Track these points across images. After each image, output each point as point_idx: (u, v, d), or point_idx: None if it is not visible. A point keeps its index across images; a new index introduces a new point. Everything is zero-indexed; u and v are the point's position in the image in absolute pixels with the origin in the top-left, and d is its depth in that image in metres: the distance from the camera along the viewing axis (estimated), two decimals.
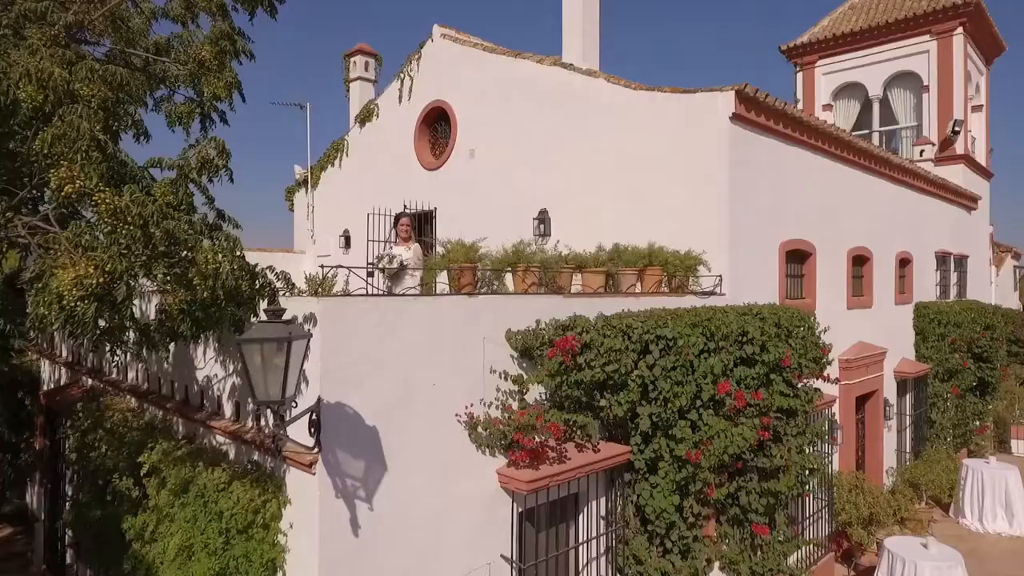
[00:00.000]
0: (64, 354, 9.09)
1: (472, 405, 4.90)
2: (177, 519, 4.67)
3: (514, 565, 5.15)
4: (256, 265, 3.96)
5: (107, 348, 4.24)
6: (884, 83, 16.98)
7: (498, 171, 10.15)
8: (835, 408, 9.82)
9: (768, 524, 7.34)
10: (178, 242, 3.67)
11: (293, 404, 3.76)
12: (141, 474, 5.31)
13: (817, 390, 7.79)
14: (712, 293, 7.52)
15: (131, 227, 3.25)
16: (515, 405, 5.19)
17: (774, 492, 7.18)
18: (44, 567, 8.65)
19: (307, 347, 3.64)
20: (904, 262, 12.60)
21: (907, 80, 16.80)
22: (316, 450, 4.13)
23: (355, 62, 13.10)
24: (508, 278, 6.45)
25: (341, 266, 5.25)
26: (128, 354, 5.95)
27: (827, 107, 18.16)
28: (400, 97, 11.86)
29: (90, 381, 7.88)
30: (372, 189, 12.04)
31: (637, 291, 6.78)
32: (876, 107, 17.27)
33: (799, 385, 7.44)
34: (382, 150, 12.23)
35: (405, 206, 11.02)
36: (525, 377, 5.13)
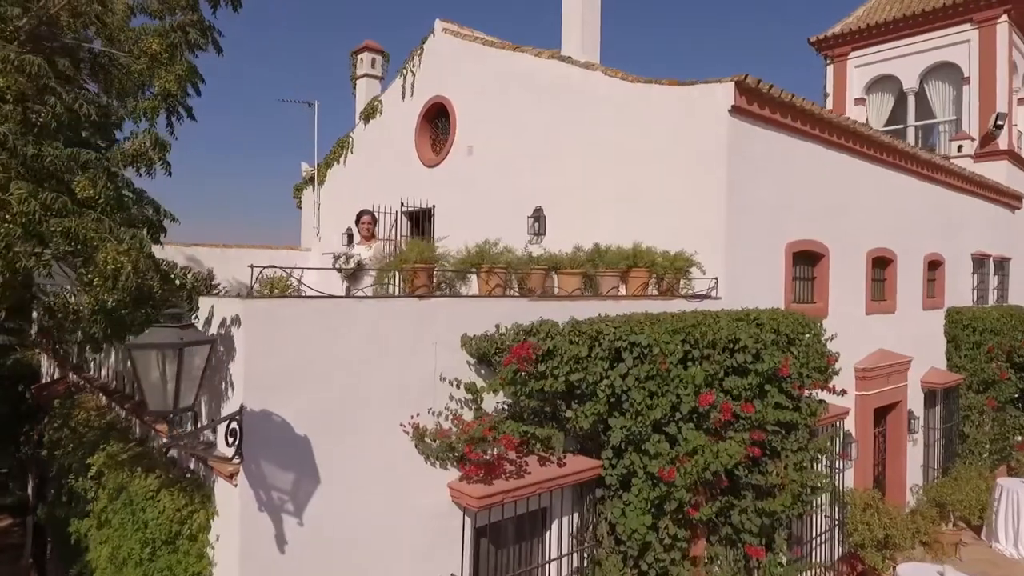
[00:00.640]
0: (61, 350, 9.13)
1: (418, 415, 4.61)
2: (111, 525, 4.49)
3: None
4: (175, 265, 3.74)
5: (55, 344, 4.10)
6: (920, 75, 16.11)
7: (497, 168, 9.83)
8: (848, 421, 9.22)
9: (764, 546, 6.87)
10: (81, 241, 3.46)
11: (193, 412, 3.51)
12: (88, 476, 5.17)
13: (822, 402, 7.28)
14: (706, 296, 7.07)
15: (11, 225, 3.04)
16: (470, 415, 4.88)
17: (769, 512, 6.70)
18: (31, 560, 8.68)
19: (210, 353, 3.39)
20: (934, 264, 11.85)
21: (945, 72, 15.90)
22: (237, 460, 3.89)
23: (362, 59, 12.93)
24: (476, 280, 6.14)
25: (296, 267, 5.02)
26: (99, 351, 5.85)
27: (859, 101, 17.35)
28: (403, 93, 11.64)
29: (74, 377, 7.85)
30: (376, 186, 11.84)
31: (619, 294, 6.38)
32: (911, 101, 16.41)
33: (802, 397, 6.94)
34: (385, 147, 12.03)
35: (402, 203, 10.82)
36: (479, 385, 4.80)
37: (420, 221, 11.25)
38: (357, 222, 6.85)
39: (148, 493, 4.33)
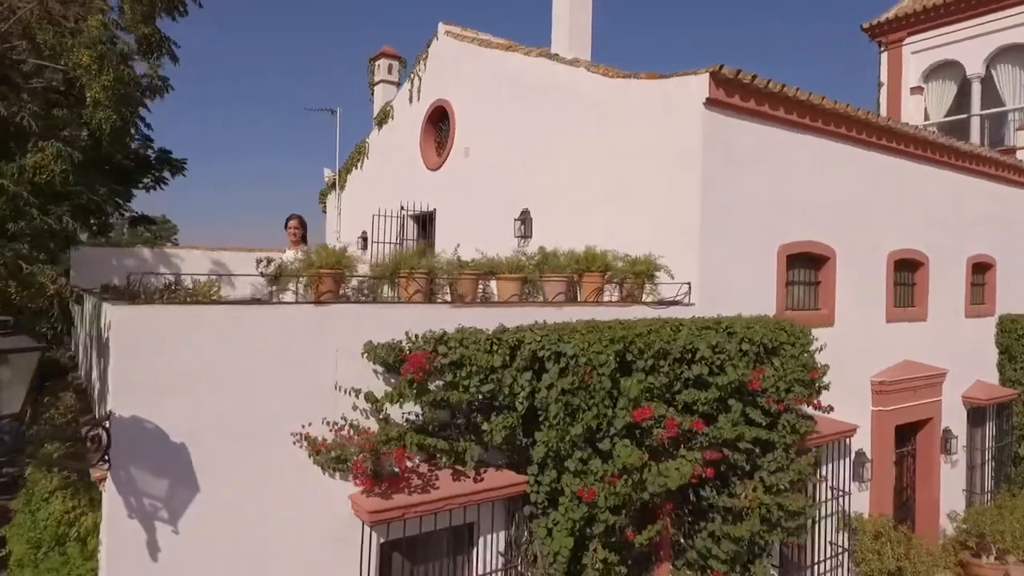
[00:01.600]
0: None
1: (310, 424, 4.50)
2: (16, 524, 4.62)
3: None
4: (31, 272, 3.78)
5: None
6: (987, 59, 14.74)
7: (492, 169, 9.66)
8: (860, 439, 8.48)
9: (739, 574, 6.38)
10: None
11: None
12: (26, 474, 5.36)
13: (808, 419, 6.71)
14: (674, 303, 6.64)
15: None
16: (374, 426, 4.73)
17: (735, 537, 6.22)
18: None
19: (37, 362, 3.39)
20: (981, 267, 10.78)
21: (1016, 54, 14.48)
22: (105, 466, 3.90)
23: (379, 65, 13.04)
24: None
25: (218, 274, 5.03)
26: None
27: (916, 90, 16.08)
28: (410, 97, 11.65)
29: (71, 375, 8.23)
30: (387, 190, 11.91)
31: (564, 301, 6.06)
32: (976, 88, 15.02)
33: (782, 413, 6.40)
34: (396, 151, 12.08)
35: (402, 207, 10.82)
36: (377, 395, 4.65)
37: (425, 224, 11.22)
38: (285, 226, 6.85)
39: (45, 494, 4.42)
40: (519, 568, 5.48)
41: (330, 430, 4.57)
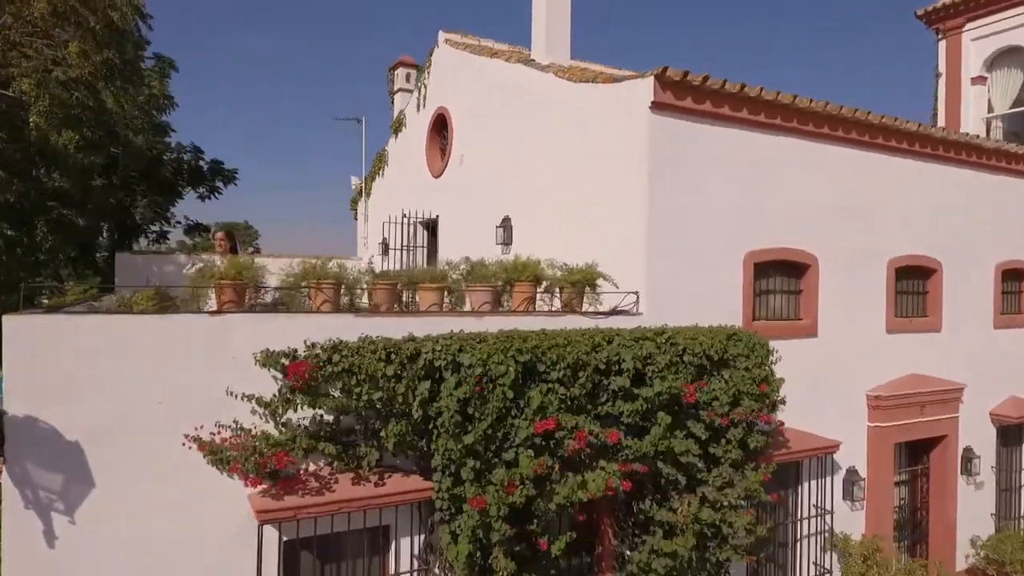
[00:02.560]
0: None
1: (202, 427, 4.77)
2: None
3: None
4: None
5: None
6: None
7: (484, 176, 9.76)
8: (848, 454, 7.99)
9: None
10: None
11: None
12: None
13: (763, 435, 6.42)
14: (615, 313, 6.52)
15: None
16: (272, 429, 4.96)
17: (668, 553, 6.05)
18: None
19: None
20: (1013, 274, 9.86)
21: None
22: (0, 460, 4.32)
23: (398, 74, 13.40)
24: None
25: (107, 286, 5.41)
26: None
27: (978, 80, 14.83)
28: (418, 106, 11.93)
29: None
30: (403, 197, 12.23)
31: (490, 309, 6.08)
32: None
33: (727, 427, 6.17)
34: (408, 159, 12.39)
35: (404, 215, 11.10)
36: (265, 400, 4.87)
37: (433, 230, 11.46)
38: (212, 237, 7.20)
39: None
40: (435, 571, 5.58)
41: (215, 433, 4.81)
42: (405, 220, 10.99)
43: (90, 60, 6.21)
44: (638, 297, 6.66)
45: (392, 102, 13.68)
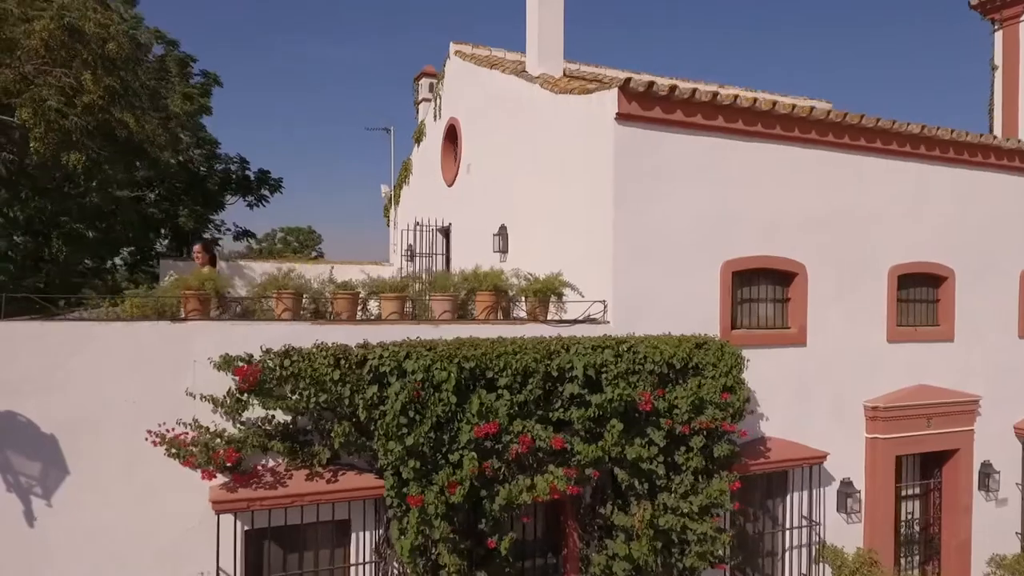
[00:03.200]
0: None
1: (164, 424, 5.22)
2: None
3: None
4: None
5: None
6: None
7: (486, 185, 10.02)
8: (843, 466, 7.79)
9: None
10: None
11: None
12: None
13: (729, 444, 6.40)
14: (578, 321, 6.63)
15: None
16: (230, 427, 5.37)
17: (626, 557, 6.13)
18: None
19: None
20: None
21: None
22: None
23: (421, 84, 13.79)
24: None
25: (78, 296, 5.94)
26: None
27: None
28: (435, 116, 12.29)
29: None
30: (423, 205, 12.63)
31: (450, 318, 6.30)
32: None
33: (689, 435, 6.19)
34: (427, 167, 12.78)
35: (418, 223, 11.47)
36: (220, 400, 5.28)
37: (448, 237, 11.79)
38: (191, 252, 7.71)
39: None
40: (395, 564, 5.87)
41: (170, 429, 5.24)
42: (418, 227, 11.35)
43: (98, 86, 6.86)
44: (605, 306, 6.75)
45: (417, 112, 14.11)
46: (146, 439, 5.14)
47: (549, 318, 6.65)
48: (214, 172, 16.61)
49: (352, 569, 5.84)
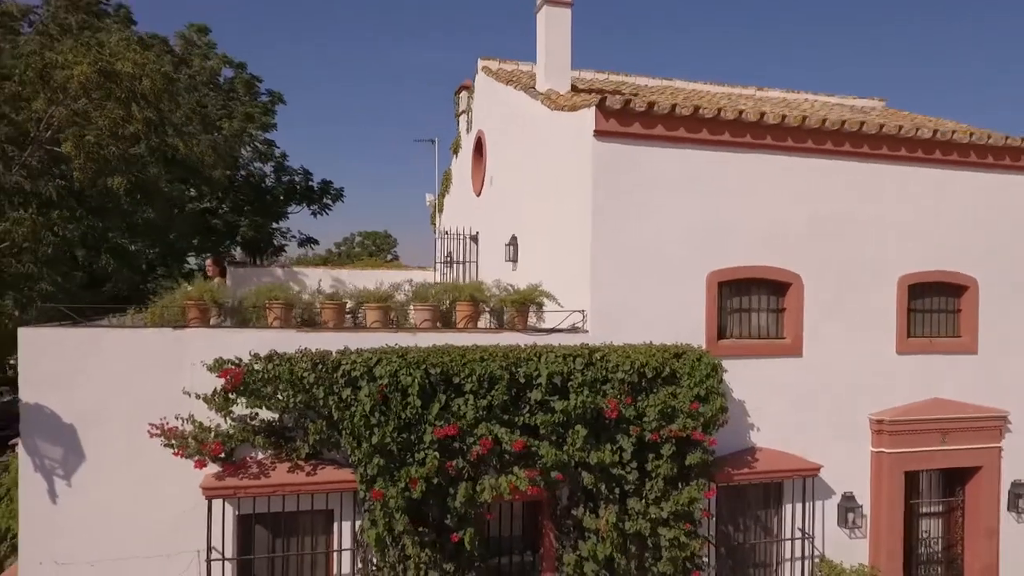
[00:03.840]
0: None
1: (164, 419, 5.93)
2: None
3: (214, 554, 5.95)
4: None
5: None
6: None
7: (504, 197, 10.39)
8: (843, 480, 7.62)
9: None
10: None
11: None
12: None
13: (703, 452, 6.48)
14: (556, 330, 6.88)
15: None
16: (223, 423, 6.01)
17: (593, 557, 6.34)
18: None
19: None
20: None
21: None
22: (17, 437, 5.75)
23: (461, 97, 14.30)
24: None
25: (95, 305, 6.73)
26: None
27: None
28: (467, 128, 12.77)
29: None
30: (460, 214, 13.17)
31: (430, 327, 6.70)
32: None
33: (659, 443, 6.34)
34: (462, 178, 13.29)
35: (446, 231, 12.00)
36: (208, 398, 5.92)
37: (478, 245, 12.24)
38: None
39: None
40: (368, 551, 6.33)
41: (165, 423, 5.92)
42: (449, 235, 11.86)
43: (135, 119, 7.79)
44: (584, 316, 6.97)
45: (457, 124, 14.65)
46: (148, 432, 5.86)
47: (528, 327, 6.94)
48: (281, 183, 17.85)
49: (334, 555, 6.37)
